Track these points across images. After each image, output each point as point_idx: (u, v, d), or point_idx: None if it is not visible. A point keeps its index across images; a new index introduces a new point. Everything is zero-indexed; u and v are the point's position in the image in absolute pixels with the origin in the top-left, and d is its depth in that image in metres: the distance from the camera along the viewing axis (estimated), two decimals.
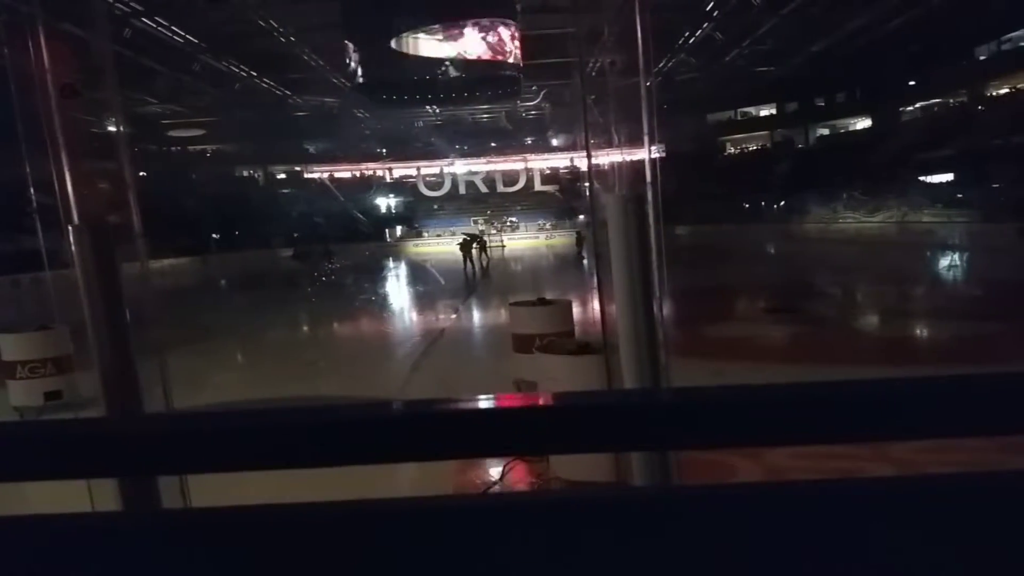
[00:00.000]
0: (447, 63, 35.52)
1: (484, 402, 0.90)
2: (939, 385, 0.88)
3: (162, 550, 0.92)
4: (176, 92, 37.68)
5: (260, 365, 11.02)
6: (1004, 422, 0.87)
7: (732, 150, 53.29)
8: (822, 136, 48.31)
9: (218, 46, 31.99)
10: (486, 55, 35.44)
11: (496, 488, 4.59)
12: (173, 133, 47.68)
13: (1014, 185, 25.83)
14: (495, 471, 5.02)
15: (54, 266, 8.33)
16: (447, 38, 35.88)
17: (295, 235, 41.53)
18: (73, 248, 3.05)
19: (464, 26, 35.32)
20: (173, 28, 28.94)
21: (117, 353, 2.85)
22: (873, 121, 44.23)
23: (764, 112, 52.54)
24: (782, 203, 40.40)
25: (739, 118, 53.55)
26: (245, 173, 52.76)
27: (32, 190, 7.78)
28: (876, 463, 4.30)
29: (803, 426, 0.86)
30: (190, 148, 50.22)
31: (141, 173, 34.55)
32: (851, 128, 46.55)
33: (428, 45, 35.79)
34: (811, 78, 41.85)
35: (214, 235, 39.03)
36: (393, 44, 34.91)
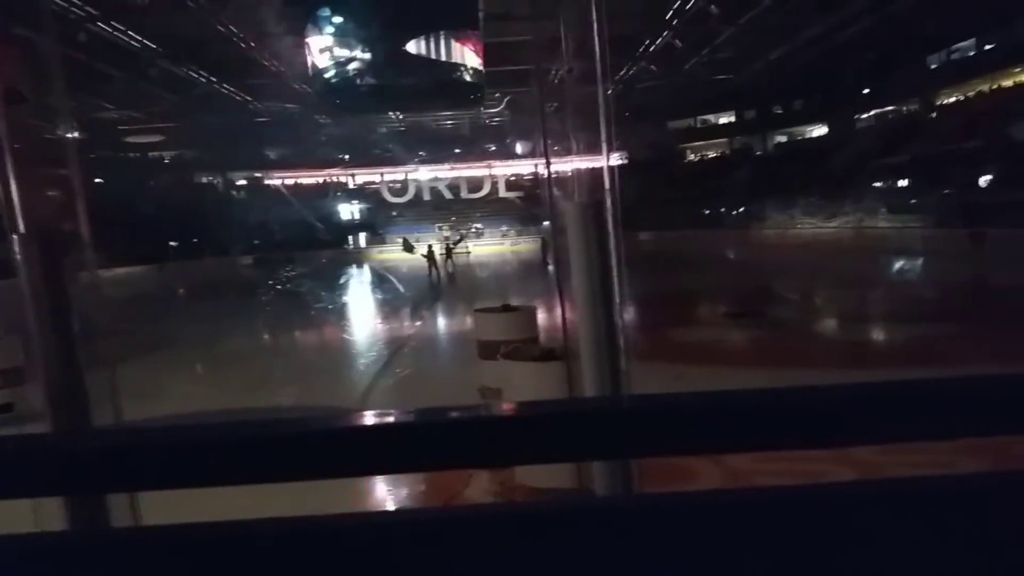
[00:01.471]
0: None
1: (448, 413, 0.89)
2: (894, 389, 0.89)
3: (112, 570, 0.89)
4: (134, 97, 36.91)
5: (216, 376, 10.78)
6: (972, 425, 0.89)
7: (692, 157, 54.15)
8: (780, 143, 49.40)
9: (177, 51, 31.46)
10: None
11: (460, 499, 4.57)
12: (131, 139, 46.66)
13: (965, 191, 26.71)
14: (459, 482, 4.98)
15: (3, 276, 8.06)
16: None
17: (255, 242, 40.87)
18: (18, 257, 2.95)
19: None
20: (130, 33, 28.37)
21: (65, 365, 2.76)
22: (829, 128, 45.37)
23: (723, 120, 53.53)
24: (741, 209, 41.14)
25: (699, 125, 54.47)
26: (204, 180, 51.85)
27: None
28: (839, 466, 4.37)
29: (764, 431, 0.86)
30: (148, 154, 49.19)
31: (97, 180, 33.73)
32: (808, 135, 47.69)
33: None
34: (769, 86, 42.82)
35: (172, 243, 38.22)
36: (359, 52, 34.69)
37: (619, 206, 4.47)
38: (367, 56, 35.15)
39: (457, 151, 54.14)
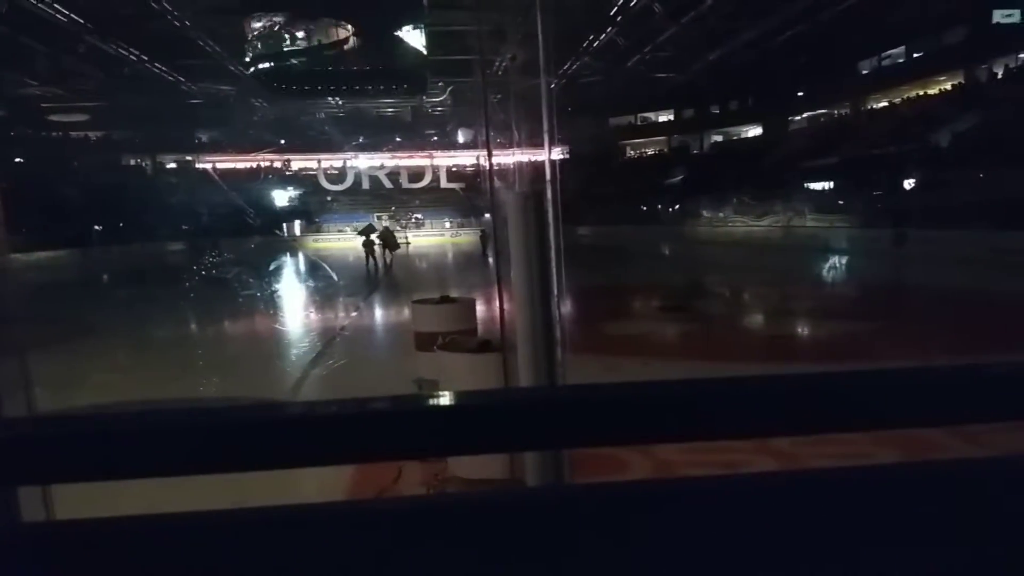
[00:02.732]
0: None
1: (380, 403, 0.88)
2: (812, 381, 0.92)
3: (24, 566, 0.85)
4: (59, 74, 35.13)
5: (138, 365, 10.36)
6: (903, 414, 0.92)
7: (632, 153, 55.00)
8: (716, 143, 50.68)
9: (107, 27, 30.04)
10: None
11: (391, 491, 4.53)
12: (54, 118, 44.38)
13: (891, 193, 27.99)
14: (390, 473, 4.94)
15: None
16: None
17: (183, 228, 39.41)
18: None
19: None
20: (56, 6, 26.95)
21: None
22: (763, 129, 46.80)
23: (663, 118, 54.53)
24: (677, 206, 42.06)
25: (639, 123, 55.35)
26: (132, 162, 49.76)
27: None
28: (759, 455, 4.53)
29: (691, 422, 0.88)
30: (72, 134, 46.88)
31: (16, 160, 31.89)
32: (743, 136, 49.07)
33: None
34: (707, 86, 43.85)
35: (96, 227, 36.55)
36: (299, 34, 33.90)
37: (559, 199, 4.51)
38: (306, 38, 34.41)
39: (398, 139, 53.47)
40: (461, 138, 53.52)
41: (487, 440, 0.91)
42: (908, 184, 28.32)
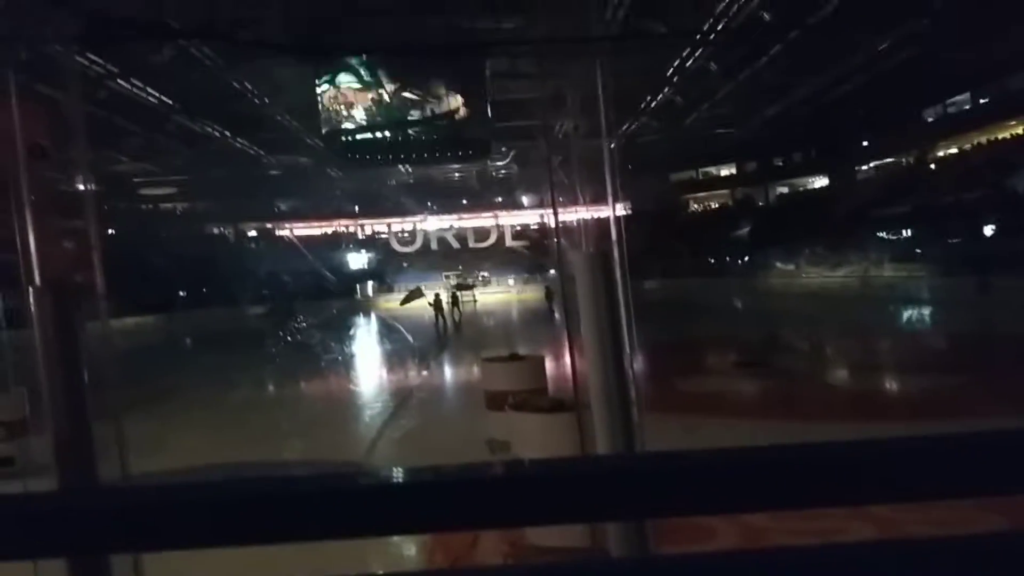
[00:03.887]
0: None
1: (456, 472, 0.88)
2: (913, 444, 0.88)
3: None
4: (149, 151, 37.71)
5: (222, 428, 10.69)
6: (990, 481, 0.87)
7: (695, 207, 54.63)
8: (782, 194, 49.84)
9: (192, 107, 32.29)
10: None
11: (467, 560, 4.46)
12: (145, 191, 47.46)
13: (970, 240, 26.77)
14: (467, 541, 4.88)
15: (13, 326, 8.10)
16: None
17: (264, 292, 41.01)
18: (33, 309, 2.97)
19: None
20: (148, 89, 29.17)
21: (72, 417, 2.76)
22: (830, 179, 45.82)
23: (724, 171, 54.17)
24: (746, 258, 41.25)
25: (701, 177, 55.11)
26: (216, 231, 52.46)
27: None
28: (857, 522, 4.24)
29: (781, 488, 0.85)
30: (161, 206, 49.93)
31: (110, 231, 34.12)
32: (809, 186, 48.13)
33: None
34: (769, 139, 43.44)
35: (181, 293, 38.46)
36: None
37: (626, 256, 4.50)
38: (377, 110, 35.99)
39: (464, 202, 54.84)
40: (525, 199, 54.46)
41: (564, 509, 0.89)
42: (987, 231, 27.09)
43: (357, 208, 53.72)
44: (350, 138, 36.47)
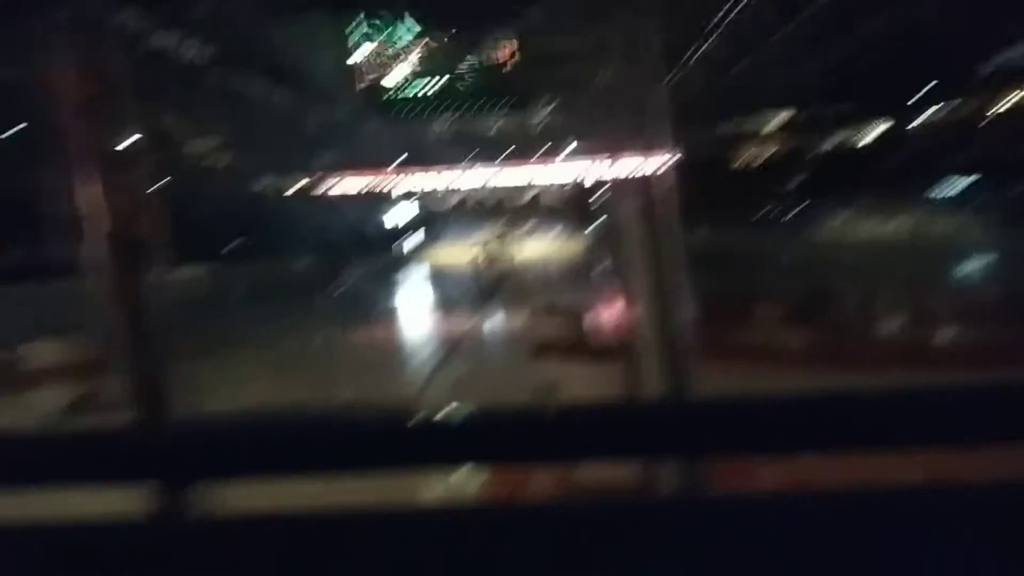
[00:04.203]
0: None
1: (512, 411, 0.89)
2: (978, 387, 0.86)
3: (201, 554, 0.93)
4: (189, 107, 38.15)
5: (280, 373, 11.03)
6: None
7: (747, 156, 53.06)
8: (836, 142, 48.00)
9: (231, 60, 32.42)
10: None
11: (519, 495, 4.55)
12: (189, 147, 48.21)
13: None
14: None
15: (79, 276, 8.43)
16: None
17: (309, 245, 41.65)
18: (100, 260, 3.10)
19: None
20: (186, 43, 29.35)
21: (145, 359, 2.89)
22: (888, 127, 43.91)
23: (778, 119, 52.31)
24: (800, 208, 40.17)
25: (752, 125, 53.34)
26: (259, 184, 53.09)
27: (56, 204, 7.91)
28: (909, 465, 4.18)
29: (834, 433, 0.84)
30: (206, 162, 50.69)
31: (157, 185, 34.82)
32: (866, 134, 46.24)
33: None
34: (825, 83, 41.68)
35: (229, 246, 39.28)
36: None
37: (676, 205, 4.44)
38: (417, 60, 35.69)
39: (507, 153, 54.24)
40: (570, 149, 53.61)
41: (614, 449, 0.90)
42: None
43: (399, 161, 53.66)
44: (394, 90, 36.36)
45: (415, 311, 20.77)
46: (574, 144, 51.27)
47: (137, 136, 5.10)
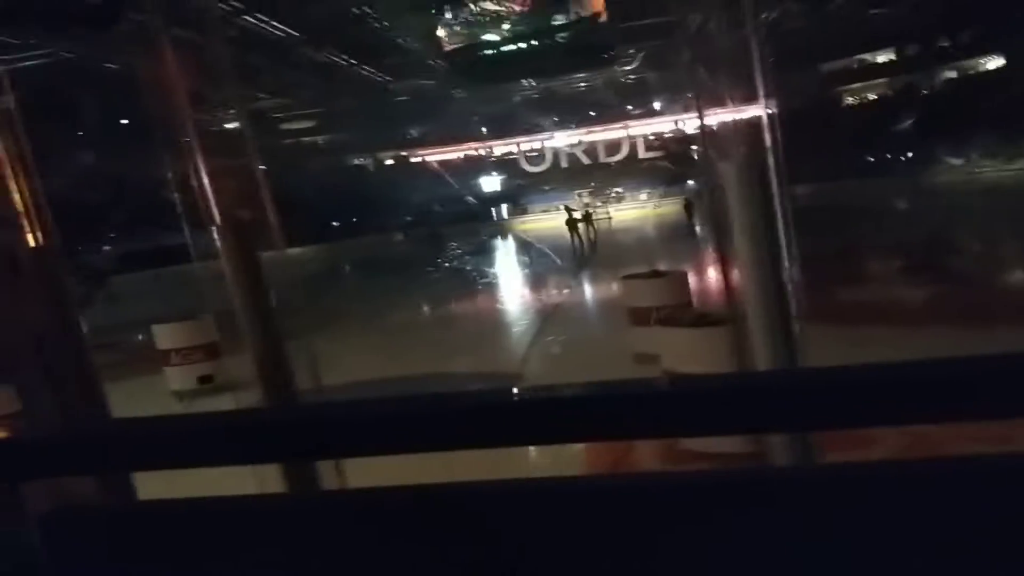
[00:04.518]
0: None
1: (617, 386, 0.89)
2: None
3: (325, 528, 0.99)
4: (282, 86, 39.36)
5: (391, 346, 11.50)
6: None
7: (851, 101, 49.97)
8: (948, 79, 44.32)
9: (316, 37, 33.09)
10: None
11: (624, 465, 4.58)
12: (285, 126, 50.04)
13: None
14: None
15: (193, 260, 8.99)
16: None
17: (407, 219, 42.85)
18: (218, 243, 3.29)
19: None
20: (272, 23, 30.17)
21: (266, 338, 3.06)
22: (1006, 60, 40.06)
23: (881, 58, 48.79)
24: (909, 155, 37.62)
25: (855, 66, 50.02)
26: (356, 161, 54.67)
27: (172, 191, 8.43)
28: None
29: (949, 402, 0.79)
30: (302, 140, 52.56)
31: (261, 167, 36.39)
32: (981, 69, 42.40)
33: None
34: (931, 16, 38.42)
35: (333, 223, 40.88)
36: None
37: (780, 159, 4.23)
38: (496, 26, 35.48)
39: (593, 114, 53.20)
40: (658, 105, 52.01)
41: (725, 422, 0.88)
42: None
43: (484, 129, 53.81)
44: (478, 55, 36.36)
45: (514, 279, 21.04)
46: (668, 100, 49.86)
47: (242, 119, 5.33)
